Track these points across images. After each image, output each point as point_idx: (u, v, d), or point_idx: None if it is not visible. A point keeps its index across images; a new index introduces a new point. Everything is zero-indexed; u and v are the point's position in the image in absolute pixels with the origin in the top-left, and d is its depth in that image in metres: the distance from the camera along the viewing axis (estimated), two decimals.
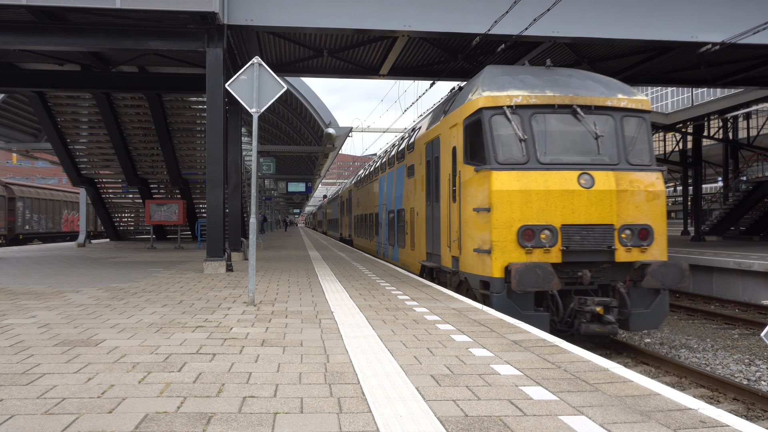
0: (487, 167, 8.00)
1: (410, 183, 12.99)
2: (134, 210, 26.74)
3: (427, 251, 11.23)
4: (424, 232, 11.40)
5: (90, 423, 3.05)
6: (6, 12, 11.28)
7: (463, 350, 4.76)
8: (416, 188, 12.23)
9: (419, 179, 11.99)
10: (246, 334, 5.41)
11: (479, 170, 8.15)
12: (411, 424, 3.06)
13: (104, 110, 20.42)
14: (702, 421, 3.10)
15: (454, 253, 9.22)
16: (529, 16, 12.06)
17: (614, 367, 4.22)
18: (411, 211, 12.80)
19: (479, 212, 8.13)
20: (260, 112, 7.61)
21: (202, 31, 11.88)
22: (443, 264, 9.93)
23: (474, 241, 8.29)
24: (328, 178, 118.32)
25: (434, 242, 10.59)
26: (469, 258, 8.52)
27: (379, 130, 52.81)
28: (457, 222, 8.94)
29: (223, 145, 12.09)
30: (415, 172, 12.46)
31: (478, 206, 8.15)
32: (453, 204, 9.19)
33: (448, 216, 9.52)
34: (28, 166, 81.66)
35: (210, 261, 11.69)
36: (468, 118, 8.68)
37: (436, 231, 10.40)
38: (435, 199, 10.46)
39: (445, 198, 9.73)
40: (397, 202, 14.79)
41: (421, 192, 11.75)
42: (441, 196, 9.99)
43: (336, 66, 18.19)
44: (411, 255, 12.96)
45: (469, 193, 8.46)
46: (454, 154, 9.25)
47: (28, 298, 7.85)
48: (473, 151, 8.60)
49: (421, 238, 11.71)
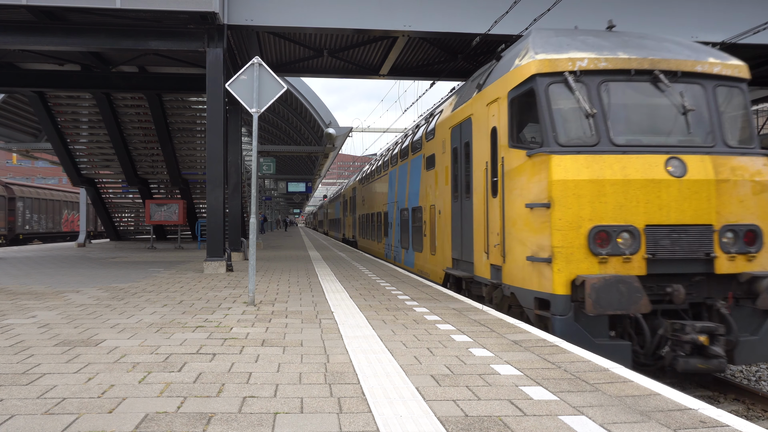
0: (544, 151, 6.29)
1: (429, 176, 11.32)
2: (134, 210, 26.74)
3: (454, 257, 9.52)
4: (449, 233, 9.77)
5: (90, 423, 3.05)
6: (6, 12, 11.28)
7: (463, 350, 4.76)
8: (438, 182, 10.65)
9: (442, 171, 10.34)
10: (246, 334, 5.41)
11: (533, 155, 6.46)
12: (411, 424, 3.06)
13: (104, 110, 20.43)
14: (702, 421, 3.10)
15: (494, 261, 7.55)
16: (530, 16, 12.07)
17: (614, 367, 4.22)
18: (431, 210, 11.15)
19: (534, 209, 6.41)
20: (260, 112, 7.61)
21: (202, 31, 11.89)
22: (478, 274, 8.25)
23: (526, 247, 6.59)
24: (328, 178, 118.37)
25: (464, 246, 8.95)
26: (518, 268, 6.80)
27: (379, 130, 52.78)
28: (499, 222, 7.30)
29: (223, 145, 12.09)
30: (436, 163, 10.79)
31: (532, 201, 6.46)
32: (493, 199, 7.57)
33: (484, 214, 7.88)
34: (28, 166, 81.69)
35: (210, 261, 11.69)
36: (515, 90, 7.00)
37: (466, 233, 8.79)
38: (465, 194, 8.91)
39: (480, 192, 8.09)
40: (411, 198, 13.08)
41: (444, 186, 10.15)
42: (474, 190, 8.37)
43: (336, 66, 18.19)
44: (431, 261, 11.26)
45: (518, 185, 6.78)
46: (494, 137, 7.57)
47: (28, 298, 7.85)
48: (522, 132, 7.01)
49: (446, 241, 10.03)
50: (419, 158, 12.25)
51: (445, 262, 10.13)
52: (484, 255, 7.94)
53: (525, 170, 6.69)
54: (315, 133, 28.06)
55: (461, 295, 8.25)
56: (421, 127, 12.74)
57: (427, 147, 11.50)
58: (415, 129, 13.67)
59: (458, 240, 9.29)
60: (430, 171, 11.30)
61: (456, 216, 9.43)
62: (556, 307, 6.03)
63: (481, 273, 8.16)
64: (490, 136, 7.73)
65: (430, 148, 11.24)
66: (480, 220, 8.12)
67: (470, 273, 8.62)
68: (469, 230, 8.65)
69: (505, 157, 7.21)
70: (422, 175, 11.96)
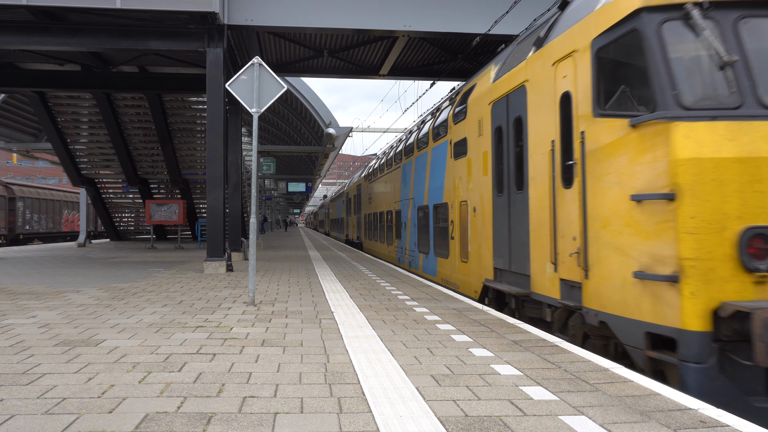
0: (661, 116, 4.42)
1: (458, 167, 9.55)
2: (134, 210, 26.76)
3: (496, 266, 7.77)
4: (489, 236, 8.01)
5: (90, 423, 3.05)
6: (6, 12, 11.28)
7: (463, 350, 4.76)
8: (471, 173, 8.88)
9: (478, 159, 8.57)
10: (246, 334, 5.41)
11: (641, 123, 4.63)
12: (411, 424, 3.06)
13: (104, 110, 20.44)
14: (702, 421, 3.10)
15: (567, 275, 5.73)
16: (530, 15, 12.07)
17: (614, 367, 4.22)
18: (461, 207, 9.41)
19: (644, 203, 4.59)
20: (260, 112, 7.61)
21: (202, 31, 11.89)
22: (537, 290, 6.45)
23: (630, 258, 4.75)
24: (328, 178, 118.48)
25: (513, 253, 7.18)
26: (614, 287, 4.95)
27: (379, 130, 52.81)
28: (578, 221, 5.51)
29: (223, 145, 12.09)
30: (468, 149, 9.03)
31: (641, 191, 4.62)
32: (564, 190, 5.77)
33: (549, 211, 6.10)
34: (29, 166, 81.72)
35: (210, 261, 11.69)
36: (604, 36, 5.19)
37: (517, 236, 7.01)
38: (514, 186, 7.15)
39: (541, 182, 6.33)
40: (433, 194, 11.27)
41: (481, 177, 8.39)
42: (530, 180, 6.61)
43: (336, 66, 18.20)
44: (461, 270, 9.38)
45: (614, 169, 4.98)
46: (566, 106, 5.80)
47: (28, 298, 7.85)
48: (617, 95, 5.11)
49: (484, 245, 8.26)
50: (444, 146, 10.44)
51: (483, 272, 8.33)
52: (549, 266, 6.14)
53: (626, 147, 4.86)
54: (315, 133, 28.07)
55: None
56: (444, 109, 10.88)
57: (455, 131, 9.70)
58: (436, 112, 11.76)
59: (503, 245, 7.50)
60: (459, 160, 9.50)
61: (500, 214, 7.66)
62: (687, 349, 4.17)
63: (543, 290, 6.33)
64: (560, 106, 5.92)
65: (460, 131, 9.48)
66: (541, 218, 6.32)
67: (524, 288, 6.81)
68: (522, 232, 6.86)
69: (587, 131, 5.40)
70: (448, 165, 10.18)
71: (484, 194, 8.31)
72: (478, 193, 8.56)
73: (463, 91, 9.88)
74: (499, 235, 7.69)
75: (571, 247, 5.67)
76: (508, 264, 7.40)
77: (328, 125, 22.43)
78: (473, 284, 8.84)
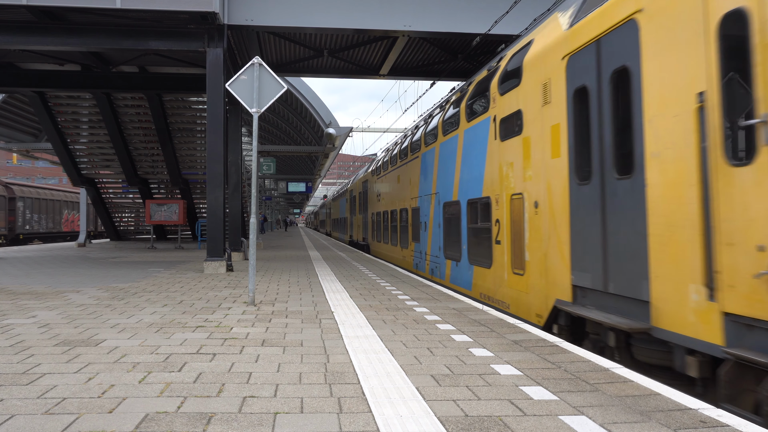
0: None
1: (508, 149, 7.60)
2: (134, 210, 26.76)
3: (576, 283, 5.85)
4: (566, 240, 6.06)
5: (90, 423, 3.05)
6: (6, 12, 11.29)
7: (463, 350, 4.76)
8: (530, 155, 6.93)
9: (542, 136, 6.62)
10: (246, 334, 5.41)
11: None
12: (412, 423, 3.06)
13: (104, 110, 20.44)
14: (702, 421, 3.10)
15: (743, 308, 3.74)
16: (530, 16, 12.07)
17: (614, 367, 4.22)
18: (513, 202, 7.45)
19: None
20: (260, 112, 7.61)
21: (203, 31, 11.90)
22: (667, 326, 4.49)
23: None
24: (328, 178, 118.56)
25: (610, 265, 5.28)
26: None
27: (379, 130, 52.87)
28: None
29: (223, 145, 12.10)
30: (525, 124, 7.05)
31: None
32: (735, 169, 3.82)
33: (698, 202, 4.17)
34: (29, 166, 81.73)
35: (210, 261, 11.69)
36: None
37: (623, 239, 5.09)
38: (614, 168, 5.25)
39: (677, 158, 4.39)
40: (466, 187, 9.31)
41: (549, 160, 6.45)
42: (651, 157, 4.69)
43: (336, 66, 18.20)
44: (515, 284, 7.35)
45: None
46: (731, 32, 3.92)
47: (28, 298, 7.85)
48: None
49: (554, 252, 6.30)
50: (483, 125, 8.57)
51: (552, 291, 6.35)
52: (696, 290, 4.18)
53: None
54: (315, 133, 28.07)
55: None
56: (480, 80, 9.03)
57: (502, 103, 7.81)
58: (466, 87, 9.92)
59: (591, 253, 5.61)
60: (509, 140, 7.59)
61: (583, 210, 5.76)
62: None
63: (679, 326, 4.37)
64: (719, 33, 3.99)
65: (509, 103, 7.57)
66: (676, 215, 4.41)
67: (639, 321, 4.86)
68: (632, 236, 4.96)
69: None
70: (490, 149, 8.27)
71: (555, 183, 6.30)
72: (543, 183, 6.58)
73: (510, 53, 8.03)
74: (583, 239, 5.74)
75: (754, 261, 3.64)
76: (601, 281, 5.40)
77: (328, 125, 22.43)
78: (535, 305, 6.72)
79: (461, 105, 9.69)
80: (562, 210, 6.15)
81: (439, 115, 11.43)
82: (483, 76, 9.00)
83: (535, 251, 6.78)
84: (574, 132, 5.97)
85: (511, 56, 7.91)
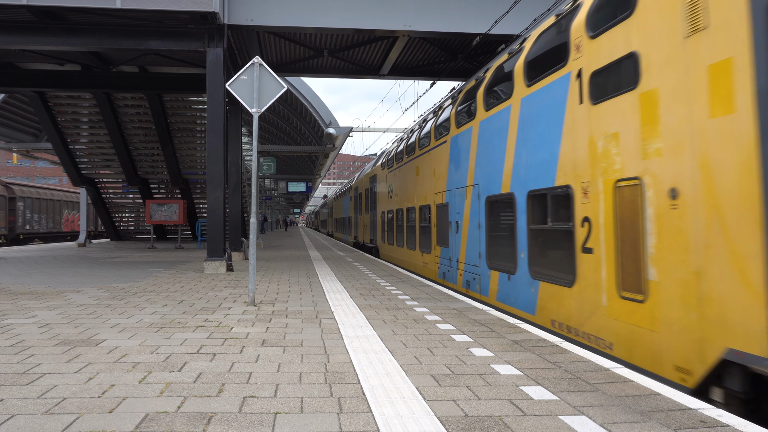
0: None
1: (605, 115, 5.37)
2: (134, 210, 26.77)
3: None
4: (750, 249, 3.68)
5: (90, 423, 3.05)
6: (6, 12, 11.29)
7: (463, 350, 4.76)
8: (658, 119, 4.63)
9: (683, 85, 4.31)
10: (246, 334, 5.41)
11: None
12: (412, 423, 3.06)
13: (104, 110, 20.45)
14: (702, 421, 3.10)
15: None
16: (530, 16, 12.07)
17: (615, 367, 4.22)
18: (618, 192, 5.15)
19: None
20: (260, 112, 7.61)
21: (203, 31, 11.90)
22: None
23: None
24: (328, 178, 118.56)
25: None
26: None
27: (379, 130, 52.84)
28: None
29: (223, 145, 12.10)
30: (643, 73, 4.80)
31: None
32: None
33: None
34: (29, 166, 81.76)
35: (210, 261, 11.69)
36: None
37: None
38: None
39: None
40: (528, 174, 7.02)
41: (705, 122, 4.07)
42: None
43: (336, 66, 18.20)
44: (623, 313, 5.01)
45: None
46: None
47: (28, 298, 7.85)
48: None
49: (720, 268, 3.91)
50: (556, 86, 6.36)
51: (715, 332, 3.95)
52: None
53: None
54: (315, 133, 28.07)
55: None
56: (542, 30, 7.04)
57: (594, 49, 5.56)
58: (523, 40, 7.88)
59: None
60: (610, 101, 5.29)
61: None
62: None
63: None
64: None
65: (610, 46, 5.30)
66: None
67: None
68: None
69: None
70: (569, 118, 6.05)
71: (721, 157, 3.95)
72: (691, 159, 4.23)
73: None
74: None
75: None
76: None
77: (328, 125, 22.43)
78: (672, 351, 4.41)
79: (516, 65, 7.48)
80: (742, 201, 3.78)
81: (477, 85, 9.08)
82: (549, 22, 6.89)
83: (674, 267, 4.41)
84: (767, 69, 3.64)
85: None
